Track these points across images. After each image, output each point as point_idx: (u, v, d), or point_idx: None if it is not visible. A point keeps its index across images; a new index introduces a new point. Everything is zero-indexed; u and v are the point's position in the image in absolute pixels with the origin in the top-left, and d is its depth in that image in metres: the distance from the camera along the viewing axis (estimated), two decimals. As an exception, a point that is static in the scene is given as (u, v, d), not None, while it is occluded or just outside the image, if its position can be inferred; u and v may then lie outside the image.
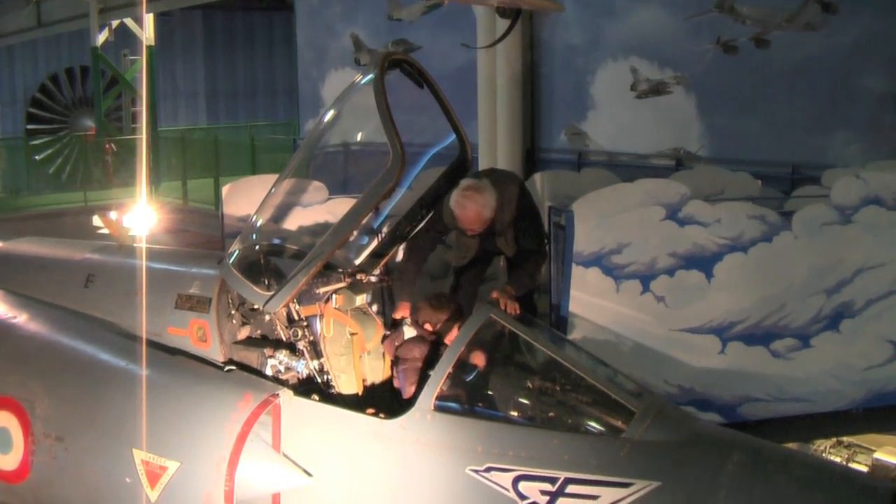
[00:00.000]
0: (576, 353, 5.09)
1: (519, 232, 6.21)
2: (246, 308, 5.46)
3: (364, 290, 5.44)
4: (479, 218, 5.97)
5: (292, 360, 5.25)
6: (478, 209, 5.92)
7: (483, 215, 5.97)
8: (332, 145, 5.96)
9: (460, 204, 5.91)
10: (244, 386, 4.98)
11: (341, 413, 4.83)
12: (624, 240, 6.86)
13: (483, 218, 5.98)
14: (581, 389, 4.72)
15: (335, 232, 4.91)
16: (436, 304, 5.40)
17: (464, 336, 4.71)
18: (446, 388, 4.65)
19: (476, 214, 5.94)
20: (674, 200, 6.88)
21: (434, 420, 4.57)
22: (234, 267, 5.28)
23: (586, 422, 4.70)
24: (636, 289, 6.92)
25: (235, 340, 5.40)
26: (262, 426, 4.81)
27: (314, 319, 5.32)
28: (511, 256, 6.36)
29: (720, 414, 7.08)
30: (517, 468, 4.36)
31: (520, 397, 4.96)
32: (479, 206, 5.91)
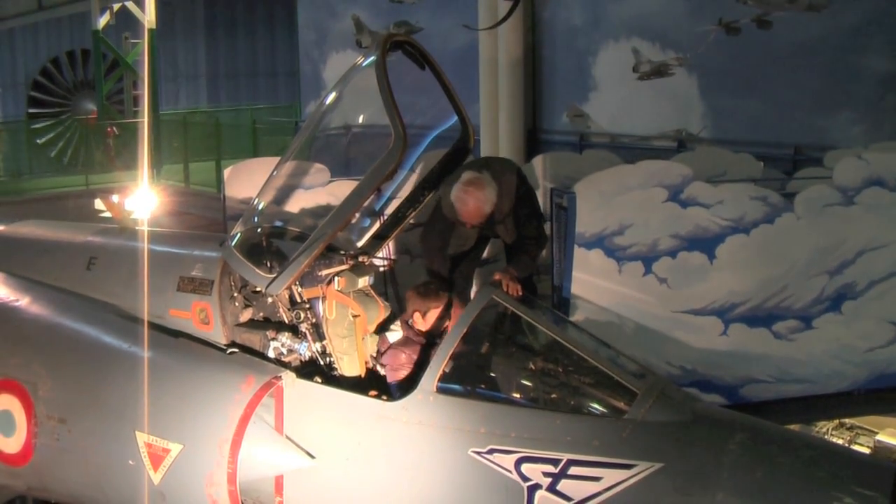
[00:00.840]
0: (578, 335, 5.08)
1: (518, 219, 6.22)
2: (248, 290, 5.45)
3: (366, 272, 5.42)
4: (480, 212, 6.00)
5: (295, 343, 5.26)
6: (478, 204, 5.95)
7: (483, 210, 6.00)
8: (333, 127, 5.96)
9: (461, 199, 5.93)
10: (247, 368, 4.98)
11: (344, 395, 4.83)
12: (626, 221, 6.86)
13: (483, 213, 6.02)
14: (583, 371, 4.71)
15: (337, 214, 4.89)
16: (424, 291, 5.36)
17: (466, 318, 4.70)
18: (449, 369, 4.64)
19: (476, 209, 5.97)
20: (676, 182, 6.88)
21: (437, 402, 4.56)
22: (237, 249, 5.27)
23: (588, 403, 4.69)
24: (638, 270, 6.92)
25: (238, 323, 5.39)
26: (265, 408, 4.81)
27: (316, 301, 5.32)
28: (510, 243, 6.36)
29: (722, 395, 7.10)
30: (520, 450, 4.35)
31: (522, 379, 4.96)
32: (480, 201, 5.95)
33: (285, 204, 6.59)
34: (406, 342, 5.25)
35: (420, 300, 5.31)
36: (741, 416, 4.63)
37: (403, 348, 5.20)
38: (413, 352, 5.18)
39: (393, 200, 6.09)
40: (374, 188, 4.82)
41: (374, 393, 4.87)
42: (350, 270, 5.34)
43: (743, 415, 4.65)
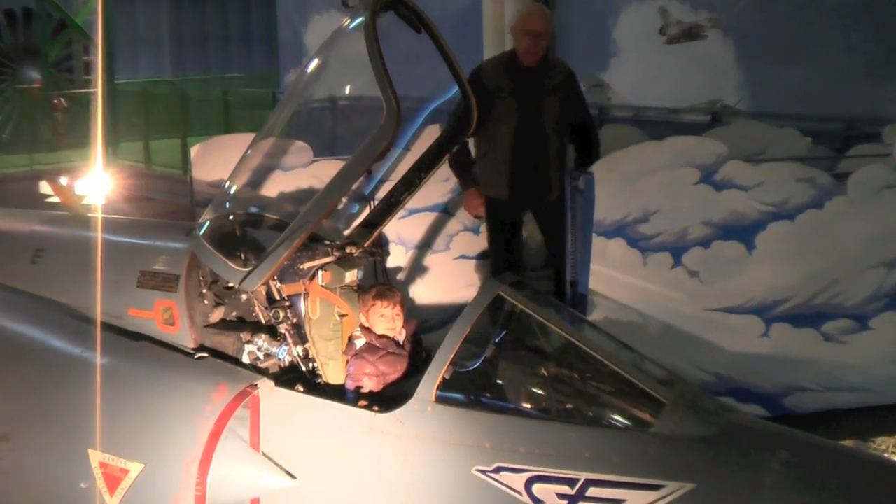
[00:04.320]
0: (597, 336, 5.09)
1: (568, 103, 7.34)
2: (219, 286, 5.47)
3: (355, 266, 5.44)
4: (545, 20, 7.13)
5: (273, 346, 5.27)
6: (543, 12, 7.11)
7: (547, 22, 7.13)
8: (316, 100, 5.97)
9: (525, 9, 7.11)
10: (218, 375, 4.99)
11: (329, 406, 4.83)
12: (651, 206, 6.87)
13: (547, 25, 7.14)
14: (603, 377, 4.72)
15: (321, 199, 4.90)
16: (369, 288, 5.36)
17: (468, 316, 4.69)
18: (449, 376, 4.63)
19: (542, 15, 7.09)
20: (709, 161, 6.89)
21: (435, 413, 4.57)
22: (206, 239, 5.29)
23: (609, 414, 4.70)
24: (666, 262, 6.94)
25: (207, 323, 5.42)
26: (239, 421, 4.82)
27: (298, 299, 5.35)
28: (555, 127, 7.30)
29: (763, 406, 7.12)
30: (531, 468, 4.36)
31: (533, 387, 4.98)
32: (545, 13, 7.09)
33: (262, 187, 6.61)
34: (369, 349, 5.22)
35: (364, 297, 5.32)
36: (785, 429, 4.63)
37: (367, 355, 5.18)
38: (378, 359, 5.16)
39: (385, 183, 6.11)
40: (363, 169, 4.83)
41: (364, 403, 4.86)
42: (336, 263, 5.37)
43: (787, 428, 4.66)
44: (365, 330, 5.27)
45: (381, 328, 5.23)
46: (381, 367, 5.14)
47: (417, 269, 8.22)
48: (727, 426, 4.49)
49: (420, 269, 8.22)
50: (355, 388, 5.12)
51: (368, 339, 5.23)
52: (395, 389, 5.09)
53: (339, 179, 4.85)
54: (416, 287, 8.19)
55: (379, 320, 5.23)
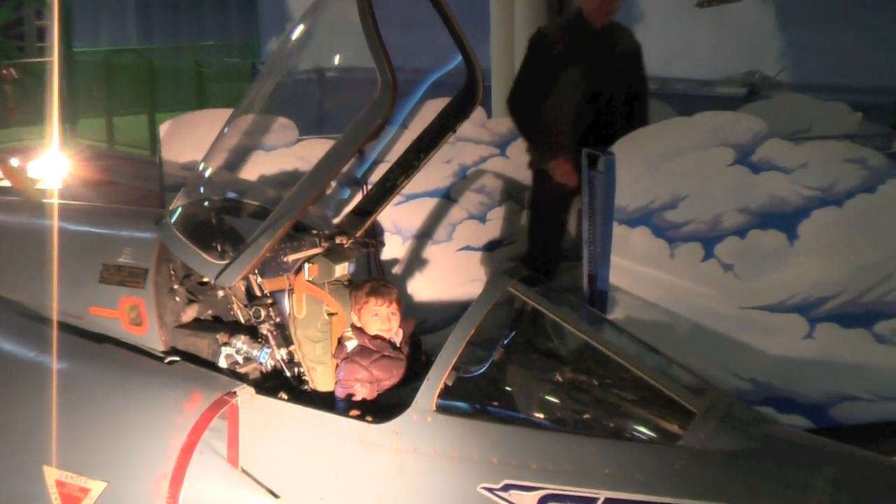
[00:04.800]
0: (618, 338, 5.11)
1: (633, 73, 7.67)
2: (193, 282, 5.48)
3: (345, 258, 5.46)
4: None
5: (253, 349, 5.29)
6: None
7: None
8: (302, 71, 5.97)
9: None
10: (191, 382, 5.00)
11: (317, 416, 4.85)
12: (680, 191, 6.87)
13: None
14: (625, 384, 4.75)
15: (307, 183, 4.91)
16: (362, 284, 5.38)
17: (474, 315, 4.69)
18: (451, 382, 4.64)
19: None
20: (745, 139, 6.89)
21: (436, 424, 4.58)
22: (177, 228, 5.30)
23: (632, 426, 4.73)
24: (696, 254, 6.94)
25: (179, 323, 5.43)
26: (215, 434, 4.84)
27: (281, 296, 5.36)
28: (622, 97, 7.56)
29: (807, 416, 7.12)
30: (543, 485, 4.37)
31: (547, 395, 5.00)
32: None
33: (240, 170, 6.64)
34: (362, 352, 5.23)
35: (356, 293, 5.34)
36: (831, 443, 4.63)
37: (359, 359, 5.19)
38: (371, 363, 5.18)
39: (379, 165, 6.12)
40: (355, 149, 4.85)
41: (357, 413, 4.88)
42: (324, 256, 5.38)
43: (833, 442, 4.65)
44: (357, 330, 5.29)
45: (375, 328, 5.25)
46: (376, 373, 5.16)
47: (416, 261, 8.24)
48: (766, 439, 4.51)
49: (419, 262, 8.24)
50: (346, 395, 5.14)
51: (361, 340, 5.25)
52: (392, 397, 5.11)
53: (328, 161, 4.86)
54: (415, 282, 8.21)
55: (373, 320, 5.25)
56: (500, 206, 8.62)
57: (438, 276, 8.23)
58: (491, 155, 8.55)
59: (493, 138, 8.57)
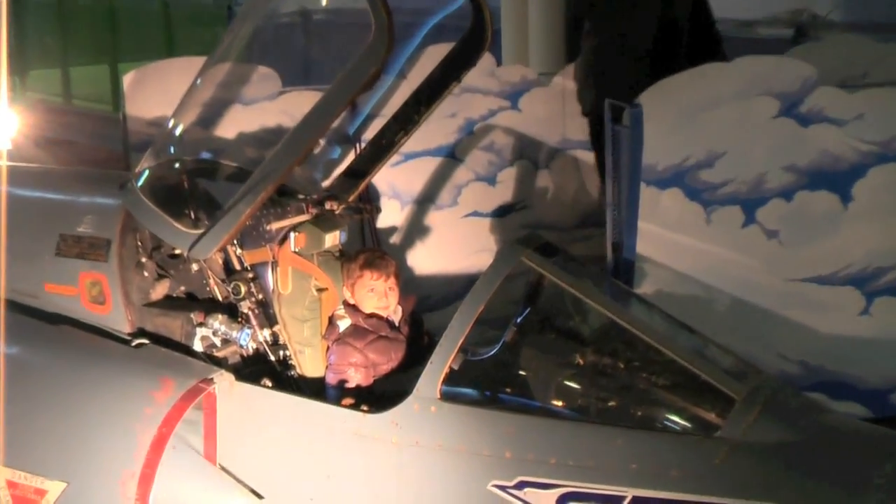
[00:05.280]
0: (647, 315, 5.12)
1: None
2: (163, 254, 5.49)
3: (337, 226, 5.45)
4: None
5: (233, 330, 5.29)
6: None
7: None
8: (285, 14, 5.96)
9: None
10: (162, 368, 5.01)
11: (305, 405, 4.86)
12: (717, 147, 6.87)
13: None
14: (655, 367, 4.75)
15: (293, 141, 4.90)
16: (355, 255, 5.39)
17: (483, 290, 4.68)
18: (458, 366, 4.66)
19: None
20: (792, 88, 6.88)
21: (441, 414, 4.58)
22: (145, 194, 5.30)
23: (664, 415, 4.74)
24: (736, 219, 6.94)
25: (148, 301, 5.44)
26: (190, 427, 4.84)
27: (264, 269, 5.37)
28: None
29: (864, 404, 7.13)
30: (563, 482, 4.38)
31: (566, 380, 5.00)
32: None
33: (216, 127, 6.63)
34: (355, 332, 5.24)
35: (349, 266, 5.34)
36: (892, 434, 4.64)
37: (353, 341, 5.20)
38: (367, 345, 5.18)
39: (374, 121, 6.12)
40: (346, 103, 4.84)
41: (350, 402, 4.89)
42: (313, 223, 5.38)
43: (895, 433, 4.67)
44: (350, 308, 5.30)
45: (371, 306, 5.26)
46: (371, 356, 5.16)
47: (416, 229, 8.25)
48: (817, 430, 4.51)
49: (420, 231, 8.24)
50: (338, 382, 5.15)
51: (354, 319, 5.25)
52: (390, 384, 5.12)
53: (315, 116, 4.85)
54: (415, 253, 8.22)
55: (368, 296, 5.26)
56: (511, 167, 8.61)
57: (442, 245, 8.23)
58: (501, 108, 8.53)
59: (504, 89, 8.55)
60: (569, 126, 8.59)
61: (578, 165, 8.68)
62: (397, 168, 7.94)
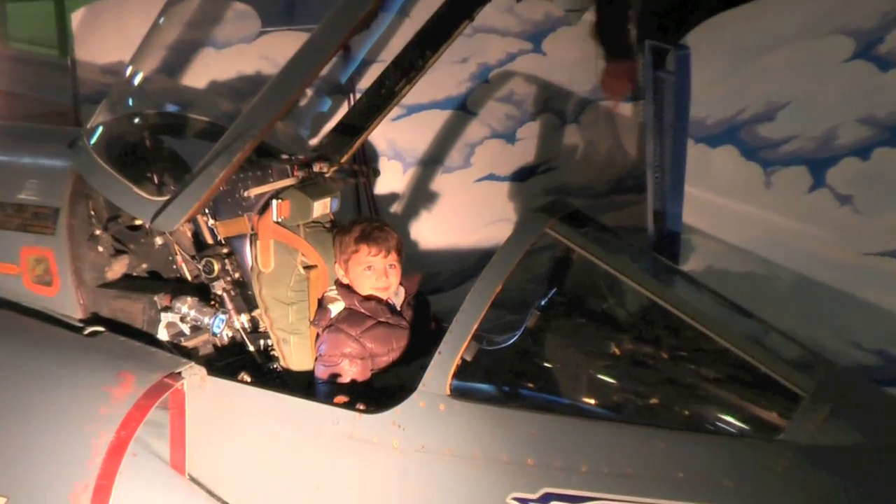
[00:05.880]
0: (695, 296, 5.12)
1: None
2: (121, 226, 5.50)
3: (327, 192, 5.45)
4: None
5: (204, 315, 5.32)
6: None
7: None
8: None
9: None
10: (120, 360, 5.00)
11: (290, 404, 4.87)
12: (778, 96, 6.85)
13: None
14: (706, 358, 4.77)
15: (274, 91, 4.88)
16: (349, 226, 5.40)
17: (500, 267, 4.67)
18: (471, 357, 4.64)
19: None
20: (869, 23, 6.85)
21: (451, 413, 4.59)
22: (99, 154, 5.30)
23: (716, 414, 4.73)
24: (801, 182, 6.93)
25: (103, 282, 5.46)
26: (154, 430, 4.86)
27: (241, 243, 5.40)
28: None
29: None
30: (595, 495, 4.37)
31: (598, 373, 5.03)
32: None
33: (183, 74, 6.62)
34: (350, 318, 5.26)
35: (342, 238, 5.36)
36: None
37: (347, 327, 5.22)
38: (363, 332, 5.20)
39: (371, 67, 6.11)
40: (337, 46, 4.83)
41: (344, 399, 4.89)
42: (299, 189, 5.38)
43: None
44: (343, 289, 5.32)
45: (368, 286, 5.28)
46: (369, 345, 5.19)
47: (421, 196, 8.24)
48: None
49: (426, 197, 8.24)
50: (330, 376, 5.17)
51: (349, 302, 5.28)
52: (391, 378, 5.16)
53: (301, 61, 4.83)
54: (421, 224, 8.21)
55: (364, 275, 5.28)
56: (533, 121, 8.60)
57: (452, 214, 8.23)
58: (521, 51, 8.50)
59: (524, 28, 8.52)
60: (602, 73, 8.59)
61: (613, 119, 8.67)
62: (398, 123, 7.92)
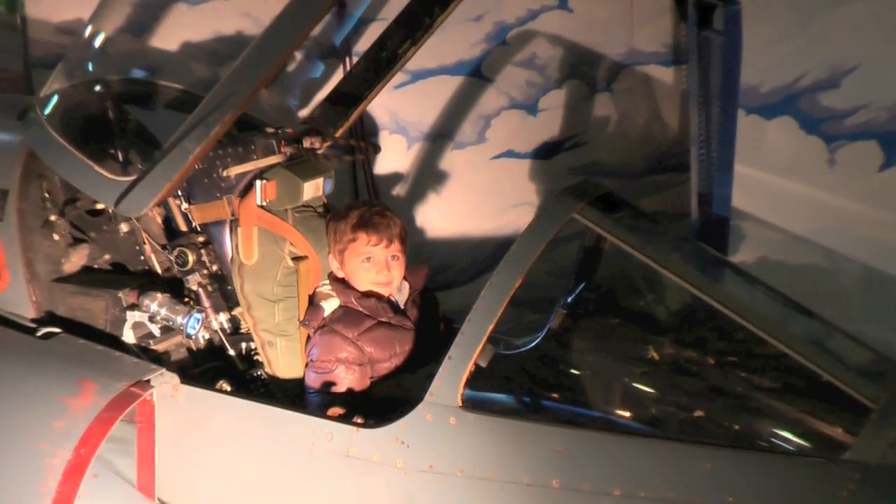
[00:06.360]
0: (748, 292, 5.09)
1: None
2: (80, 210, 5.47)
3: (320, 172, 5.42)
4: None
5: (177, 314, 5.28)
6: None
7: None
8: None
9: None
10: (78, 366, 4.98)
11: (276, 417, 4.84)
12: (845, 59, 6.83)
13: None
14: (758, 364, 4.75)
15: (257, 54, 4.86)
16: (345, 212, 5.37)
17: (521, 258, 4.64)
18: (486, 363, 4.61)
19: None
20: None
21: (463, 427, 4.56)
22: (55, 127, 5.27)
23: (771, 429, 4.73)
24: (871, 159, 6.91)
25: (60, 275, 5.44)
26: (118, 447, 4.86)
27: (220, 231, 5.37)
28: None
29: None
30: (633, 524, 4.38)
31: (634, 381, 5.00)
32: None
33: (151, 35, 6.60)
34: (346, 317, 5.25)
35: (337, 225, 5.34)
36: None
37: (343, 328, 5.20)
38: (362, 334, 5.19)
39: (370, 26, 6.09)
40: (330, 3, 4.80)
41: (339, 411, 4.87)
42: (286, 168, 5.35)
43: None
44: (339, 284, 5.30)
45: (367, 281, 5.26)
46: (368, 349, 5.17)
47: (429, 176, 8.23)
48: None
49: (434, 177, 8.23)
50: (323, 384, 5.15)
51: (345, 299, 5.27)
52: (393, 387, 5.13)
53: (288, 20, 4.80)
54: (428, 208, 8.20)
55: (363, 267, 5.25)
56: (558, 89, 8.56)
57: (464, 198, 8.21)
58: (544, 7, 8.46)
59: (548, -20, 8.52)
60: (638, 33, 8.54)
61: (651, 86, 8.62)
62: (402, 91, 7.89)
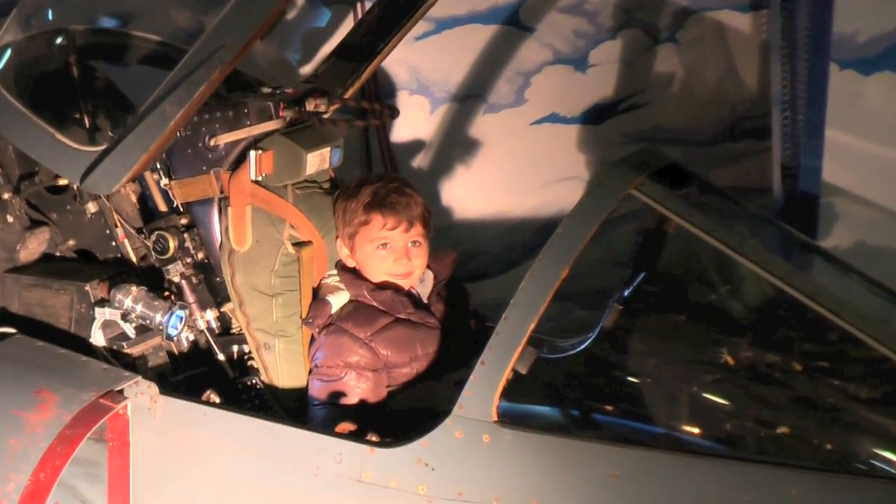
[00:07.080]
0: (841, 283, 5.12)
1: None
2: (38, 187, 5.53)
3: (326, 140, 5.44)
4: None
5: (155, 311, 5.32)
6: None
7: None
8: None
9: None
10: (37, 374, 5.03)
11: (274, 433, 4.87)
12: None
13: None
14: (855, 370, 4.77)
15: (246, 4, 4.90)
16: (356, 190, 5.41)
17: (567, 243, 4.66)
18: (525, 369, 4.63)
19: None
20: None
21: (498, 446, 4.58)
22: (7, 87, 5.31)
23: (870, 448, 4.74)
24: None
25: (13, 265, 5.52)
26: (85, 469, 4.91)
27: (206, 211, 5.43)
28: None
29: None
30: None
31: (703, 391, 5.05)
32: None
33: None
34: (358, 314, 5.31)
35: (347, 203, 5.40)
36: None
37: (353, 327, 5.25)
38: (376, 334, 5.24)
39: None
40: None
41: (350, 427, 4.89)
42: (286, 135, 5.39)
43: None
44: (348, 275, 5.37)
45: (383, 271, 5.32)
46: (384, 352, 5.22)
47: (456, 145, 8.24)
48: None
49: (462, 146, 8.23)
50: (330, 395, 5.19)
51: (356, 293, 5.33)
52: (414, 397, 5.19)
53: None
54: (455, 184, 8.20)
55: (378, 255, 5.32)
56: (612, 40, 8.56)
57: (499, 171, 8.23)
58: (593, -59, 8.51)
59: None
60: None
61: (724, 36, 8.62)
62: (424, 43, 7.91)
